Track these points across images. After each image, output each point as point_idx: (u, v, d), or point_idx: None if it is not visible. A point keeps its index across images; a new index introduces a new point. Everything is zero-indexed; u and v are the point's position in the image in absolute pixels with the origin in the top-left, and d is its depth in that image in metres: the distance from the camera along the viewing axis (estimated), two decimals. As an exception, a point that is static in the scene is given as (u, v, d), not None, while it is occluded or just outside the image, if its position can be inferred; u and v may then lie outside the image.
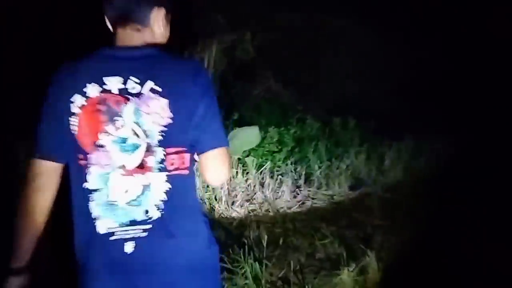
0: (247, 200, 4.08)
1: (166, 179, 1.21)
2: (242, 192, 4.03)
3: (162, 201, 1.21)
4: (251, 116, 4.84)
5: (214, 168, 1.26)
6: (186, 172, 1.24)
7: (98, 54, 1.24)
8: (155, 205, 1.21)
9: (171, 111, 1.19)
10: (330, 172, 4.61)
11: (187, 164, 1.24)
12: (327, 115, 5.61)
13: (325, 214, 4.06)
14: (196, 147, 1.25)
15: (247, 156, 4.22)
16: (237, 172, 4.09)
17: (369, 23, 6.51)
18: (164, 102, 1.19)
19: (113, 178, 1.20)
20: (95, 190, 1.21)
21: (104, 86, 1.19)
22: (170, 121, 1.20)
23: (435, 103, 6.26)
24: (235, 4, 6.15)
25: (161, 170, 1.20)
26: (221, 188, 3.81)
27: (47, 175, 1.26)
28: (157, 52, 1.24)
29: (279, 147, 4.57)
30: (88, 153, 1.20)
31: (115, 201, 1.20)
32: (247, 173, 4.26)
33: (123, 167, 1.20)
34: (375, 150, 5.26)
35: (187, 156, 1.24)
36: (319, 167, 4.68)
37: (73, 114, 1.19)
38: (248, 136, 2.61)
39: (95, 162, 1.20)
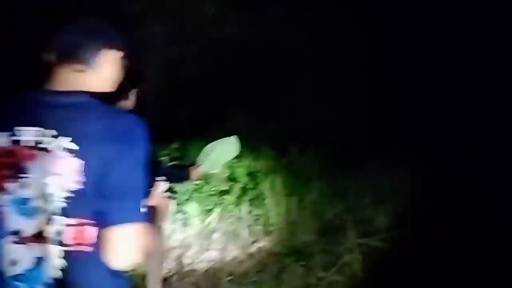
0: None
1: (63, 254, 1.07)
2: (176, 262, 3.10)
3: (55, 279, 1.08)
4: (195, 145, 4.18)
5: (115, 248, 1.09)
6: (88, 249, 1.08)
7: (22, 97, 1.13)
8: (46, 283, 1.08)
9: (84, 175, 1.06)
10: (290, 215, 3.85)
11: (92, 240, 1.08)
12: (283, 143, 5.10)
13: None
14: (102, 220, 1.09)
15: (187, 200, 3.38)
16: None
17: (327, 43, 6.03)
18: (78, 163, 1.06)
19: (7, 244, 1.09)
20: None
21: (16, 137, 1.08)
22: (81, 186, 1.06)
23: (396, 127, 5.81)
24: (179, 14, 5.39)
25: (58, 243, 1.07)
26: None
27: None
28: (91, 102, 1.12)
29: (230, 184, 3.81)
30: None
31: (1, 273, 1.09)
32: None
33: (16, 233, 1.08)
34: (337, 182, 4.65)
35: (92, 230, 1.08)
36: (277, 212, 3.96)
37: None
38: (225, 149, 2.45)
39: None
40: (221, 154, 2.41)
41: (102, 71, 1.17)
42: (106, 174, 1.06)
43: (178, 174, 2.35)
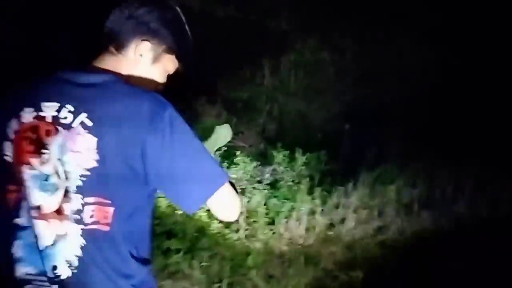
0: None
1: (81, 233, 1.05)
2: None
3: (76, 256, 1.06)
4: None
5: (221, 211, 1.14)
6: (106, 228, 1.05)
7: (54, 76, 1.12)
8: (66, 261, 1.06)
9: (97, 153, 1.02)
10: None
11: (109, 219, 1.05)
12: (264, 143, 4.51)
13: None
14: (183, 203, 1.11)
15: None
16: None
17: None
18: (92, 140, 1.03)
19: (33, 219, 1.07)
20: (24, 228, 1.07)
21: (40, 112, 1.07)
22: (95, 164, 1.03)
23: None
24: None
25: (76, 221, 1.05)
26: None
27: None
28: (114, 79, 1.09)
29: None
30: (22, 185, 1.07)
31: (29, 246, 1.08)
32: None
33: (37, 208, 1.06)
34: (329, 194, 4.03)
35: (110, 210, 1.05)
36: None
37: (9, 139, 1.09)
38: (219, 136, 2.31)
39: (25, 196, 1.07)
40: (213, 141, 2.19)
41: (134, 59, 1.15)
42: (151, 157, 1.02)
43: None
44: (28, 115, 1.07)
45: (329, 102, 5.67)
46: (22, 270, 1.07)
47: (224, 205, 1.12)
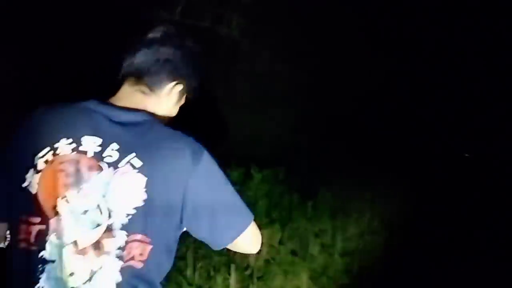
0: None
1: (119, 269, 1.06)
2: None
3: None
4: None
5: (248, 245, 1.23)
6: (140, 265, 1.07)
7: (84, 106, 1.12)
8: None
9: (146, 192, 1.05)
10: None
11: (145, 257, 1.07)
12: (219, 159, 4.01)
13: None
14: (213, 241, 1.17)
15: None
16: None
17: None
18: (142, 180, 1.05)
19: (65, 253, 1.05)
20: (50, 262, 1.05)
21: (80, 146, 1.08)
22: (141, 203, 1.06)
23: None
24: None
25: (118, 257, 1.05)
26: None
27: None
28: (152, 121, 1.14)
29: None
30: (48, 217, 1.05)
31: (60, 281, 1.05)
32: None
33: (75, 243, 1.04)
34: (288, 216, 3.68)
35: (148, 248, 1.07)
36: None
37: (36, 169, 1.06)
38: None
39: (53, 229, 1.05)
40: None
41: (165, 98, 1.19)
42: (179, 195, 1.07)
43: None
44: (66, 147, 1.06)
45: (282, 114, 5.39)
46: None
47: (252, 240, 1.21)
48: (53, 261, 1.03)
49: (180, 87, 1.21)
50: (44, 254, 1.03)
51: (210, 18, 5.05)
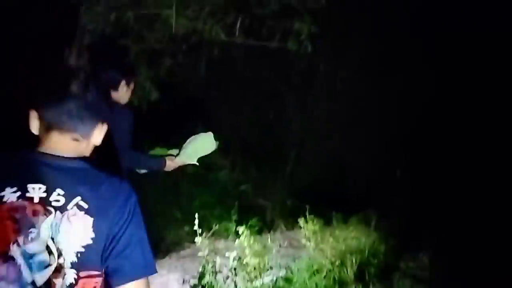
0: None
1: None
2: None
3: None
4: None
5: None
6: None
7: (24, 156, 1.20)
8: None
9: (93, 231, 1.16)
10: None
11: None
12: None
13: None
14: (114, 276, 1.20)
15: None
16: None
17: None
18: (89, 220, 1.16)
19: None
20: None
21: (26, 193, 1.15)
22: (90, 241, 1.15)
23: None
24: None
25: None
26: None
27: None
28: (87, 166, 1.24)
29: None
30: (6, 262, 1.12)
31: None
32: None
33: (32, 284, 1.12)
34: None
35: (99, 280, 1.18)
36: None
37: None
38: (203, 143, 2.67)
39: (1, 275, 1.11)
40: (197, 148, 2.67)
41: (94, 140, 1.27)
42: (114, 232, 1.17)
43: (155, 162, 2.73)
44: (11, 195, 1.13)
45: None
46: None
47: None
48: None
49: (105, 126, 1.27)
50: None
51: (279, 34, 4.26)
